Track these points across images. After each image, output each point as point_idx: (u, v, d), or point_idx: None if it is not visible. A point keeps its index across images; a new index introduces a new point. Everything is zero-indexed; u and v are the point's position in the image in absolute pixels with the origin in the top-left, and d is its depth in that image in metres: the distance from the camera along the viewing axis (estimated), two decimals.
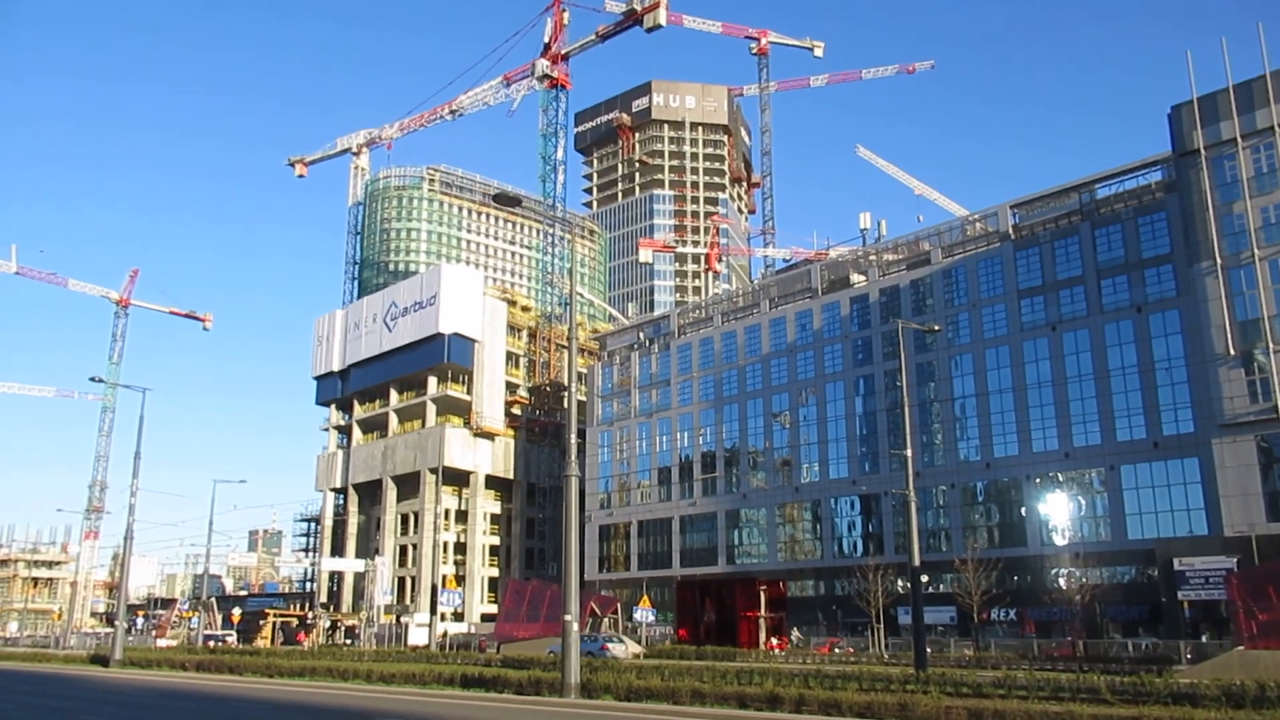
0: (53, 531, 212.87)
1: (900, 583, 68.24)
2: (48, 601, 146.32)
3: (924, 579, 59.74)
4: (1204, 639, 52.44)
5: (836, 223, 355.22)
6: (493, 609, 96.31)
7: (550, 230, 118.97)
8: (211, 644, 70.79)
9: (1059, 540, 65.58)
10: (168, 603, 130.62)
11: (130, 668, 44.71)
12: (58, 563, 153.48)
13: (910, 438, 38.55)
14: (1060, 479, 66.27)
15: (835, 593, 76.53)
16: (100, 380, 56.03)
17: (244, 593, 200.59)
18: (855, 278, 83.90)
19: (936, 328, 48.67)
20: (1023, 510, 68.01)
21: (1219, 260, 57.46)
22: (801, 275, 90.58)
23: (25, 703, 27.07)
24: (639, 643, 62.27)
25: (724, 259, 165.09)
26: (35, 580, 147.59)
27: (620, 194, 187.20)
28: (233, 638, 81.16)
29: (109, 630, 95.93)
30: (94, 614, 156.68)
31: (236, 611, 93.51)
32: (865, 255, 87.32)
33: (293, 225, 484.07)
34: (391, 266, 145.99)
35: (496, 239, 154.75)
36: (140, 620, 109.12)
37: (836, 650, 62.09)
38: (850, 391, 79.54)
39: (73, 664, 51.16)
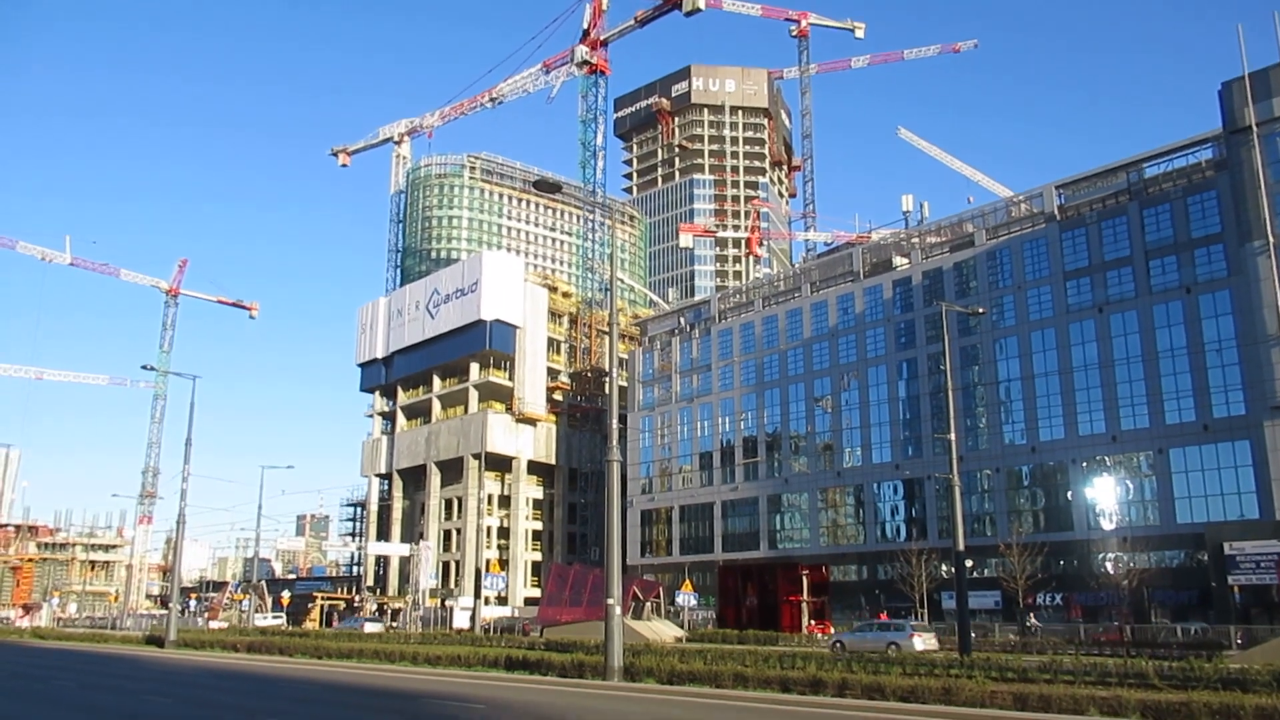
0: (108, 516, 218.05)
1: (944, 567, 67.88)
2: (104, 584, 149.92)
3: (968, 563, 59.33)
4: (1254, 624, 51.57)
5: (878, 206, 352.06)
6: (535, 593, 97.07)
7: (590, 216, 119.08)
8: (272, 625, 72.09)
9: (1106, 524, 64.78)
10: (219, 585, 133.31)
11: (184, 649, 45.75)
12: (113, 546, 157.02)
13: (954, 421, 38.24)
14: (1107, 462, 65.40)
15: (878, 577, 76.28)
16: (152, 368, 57.24)
17: (292, 576, 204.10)
18: (898, 260, 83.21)
19: (981, 310, 48.05)
20: (1069, 494, 67.25)
21: (1271, 239, 56.18)
22: (843, 258, 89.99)
23: (87, 682, 27.86)
24: (681, 626, 62.50)
25: (765, 243, 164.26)
26: (92, 563, 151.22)
27: (660, 179, 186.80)
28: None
29: (163, 612, 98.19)
30: (148, 596, 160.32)
31: (285, 595, 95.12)
32: (908, 238, 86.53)
33: (336, 215, 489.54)
34: (433, 254, 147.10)
35: (537, 225, 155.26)
36: (193, 602, 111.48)
37: None
38: (893, 375, 79.01)
39: (129, 644, 52.45)
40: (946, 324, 42.38)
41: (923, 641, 40.63)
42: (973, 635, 42.32)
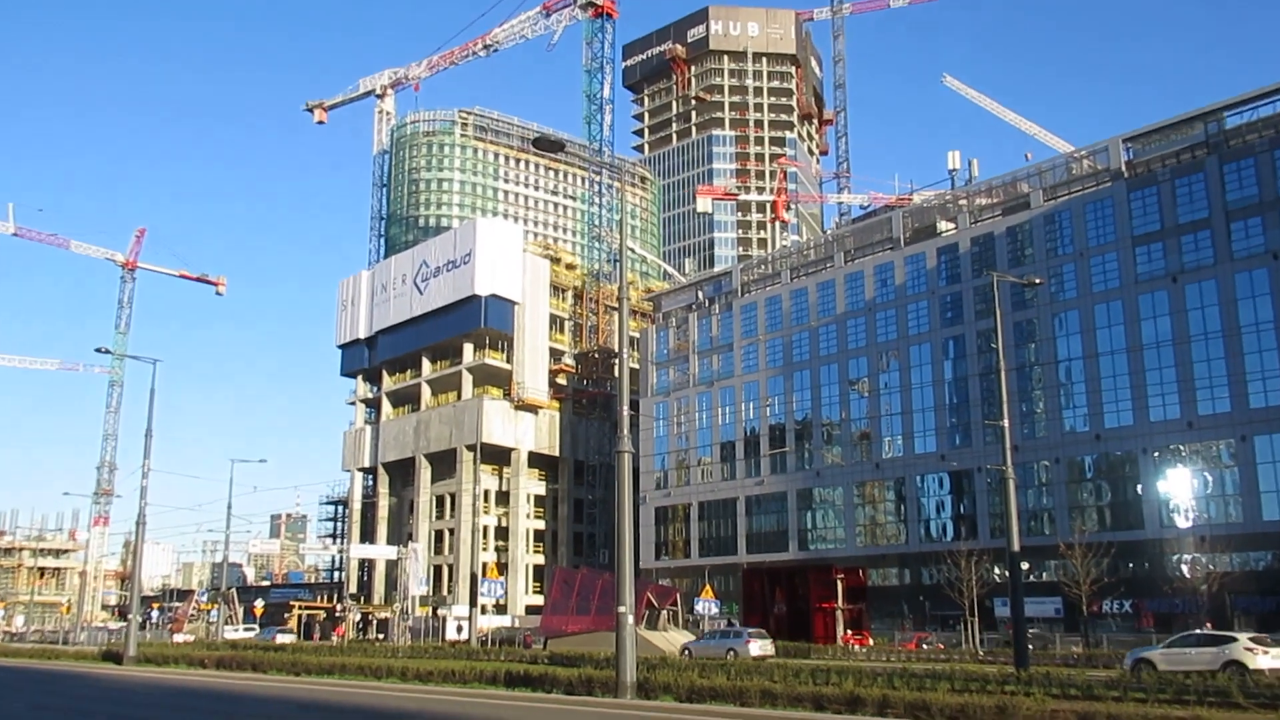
0: (59, 518, 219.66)
1: (997, 570, 67.70)
2: (55, 593, 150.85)
3: (1024, 566, 59.14)
4: None
5: (921, 164, 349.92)
6: (538, 600, 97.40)
7: (597, 178, 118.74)
8: (244, 638, 72.54)
9: (1181, 522, 64.50)
10: (184, 594, 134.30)
11: (145, 665, 45.92)
12: (65, 551, 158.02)
13: (1007, 406, 37.97)
14: (1183, 452, 65.05)
15: (922, 581, 76.21)
16: (107, 351, 57.22)
17: (266, 583, 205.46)
18: (943, 225, 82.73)
19: (1038, 281, 47.81)
20: (1138, 488, 66.95)
21: None
22: (881, 224, 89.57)
23: (37, 702, 27.94)
24: (700, 637, 62.66)
25: (793, 206, 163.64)
26: (41, 570, 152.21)
27: (675, 136, 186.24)
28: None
29: (121, 624, 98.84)
30: (105, 607, 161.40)
31: (259, 604, 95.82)
32: (954, 199, 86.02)
33: (312, 178, 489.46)
34: (421, 222, 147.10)
35: (537, 189, 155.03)
36: (155, 613, 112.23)
37: (924, 646, 61.85)
38: (938, 354, 78.73)
39: (83, 661, 52.60)
40: (998, 296, 42.09)
41: (759, 648, 47.75)
42: (1030, 647, 42.18)
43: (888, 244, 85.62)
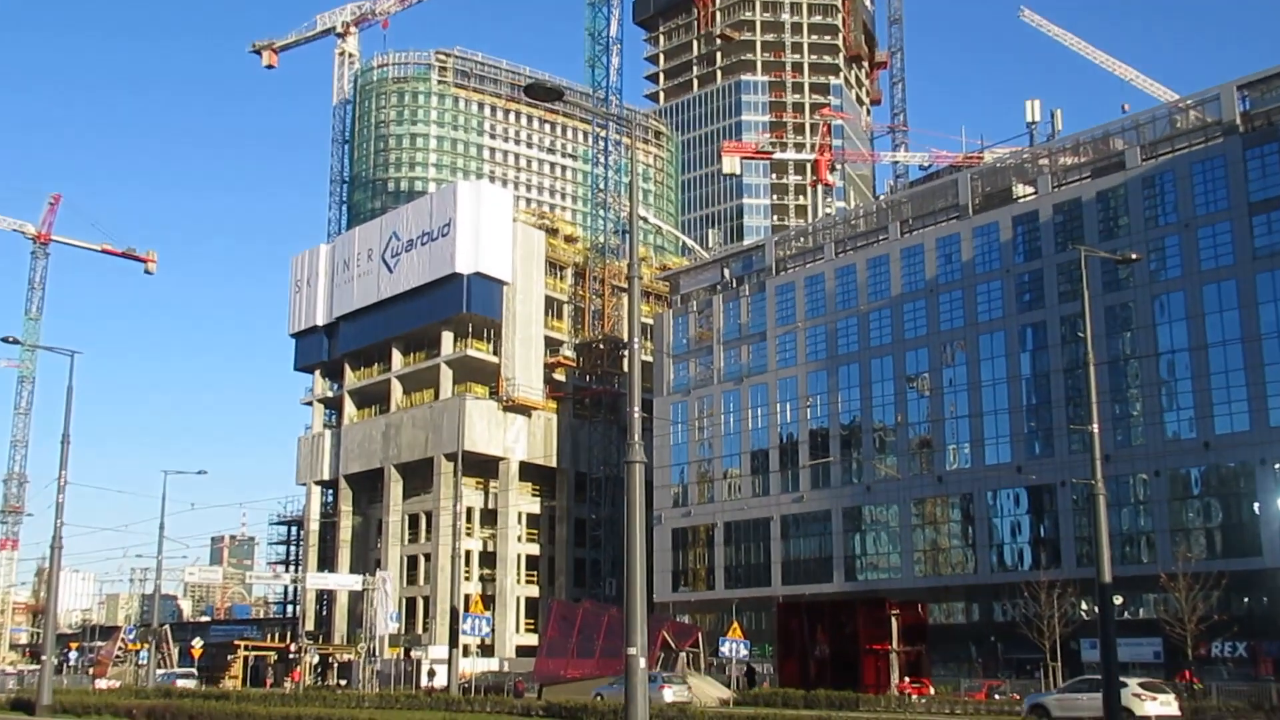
0: None
1: (1084, 605, 67.48)
2: None
3: (1117, 600, 58.90)
4: None
5: (993, 116, 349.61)
6: (532, 640, 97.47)
7: (602, 133, 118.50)
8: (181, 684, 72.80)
9: None
10: (109, 631, 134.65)
11: (62, 716, 46.12)
12: None
13: (1097, 408, 37.81)
14: None
15: (994, 619, 75.91)
16: (15, 341, 57.20)
17: (206, 619, 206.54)
18: (1020, 189, 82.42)
19: (1134, 257, 47.50)
20: (1256, 507, 66.70)
21: None
22: (945, 188, 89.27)
23: None
24: (728, 684, 62.60)
25: (838, 167, 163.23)
26: None
27: (696, 82, 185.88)
28: (191, 682, 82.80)
29: (34, 667, 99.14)
30: (14, 646, 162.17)
31: (197, 643, 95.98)
32: (1033, 158, 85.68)
33: (259, 135, 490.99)
34: (391, 186, 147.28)
35: (530, 146, 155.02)
36: (73, 654, 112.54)
37: (997, 696, 61.68)
38: (1014, 345, 78.47)
39: None
40: (1087, 275, 41.90)
41: (673, 693, 50.22)
42: None
43: (953, 212, 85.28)
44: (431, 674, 78.97)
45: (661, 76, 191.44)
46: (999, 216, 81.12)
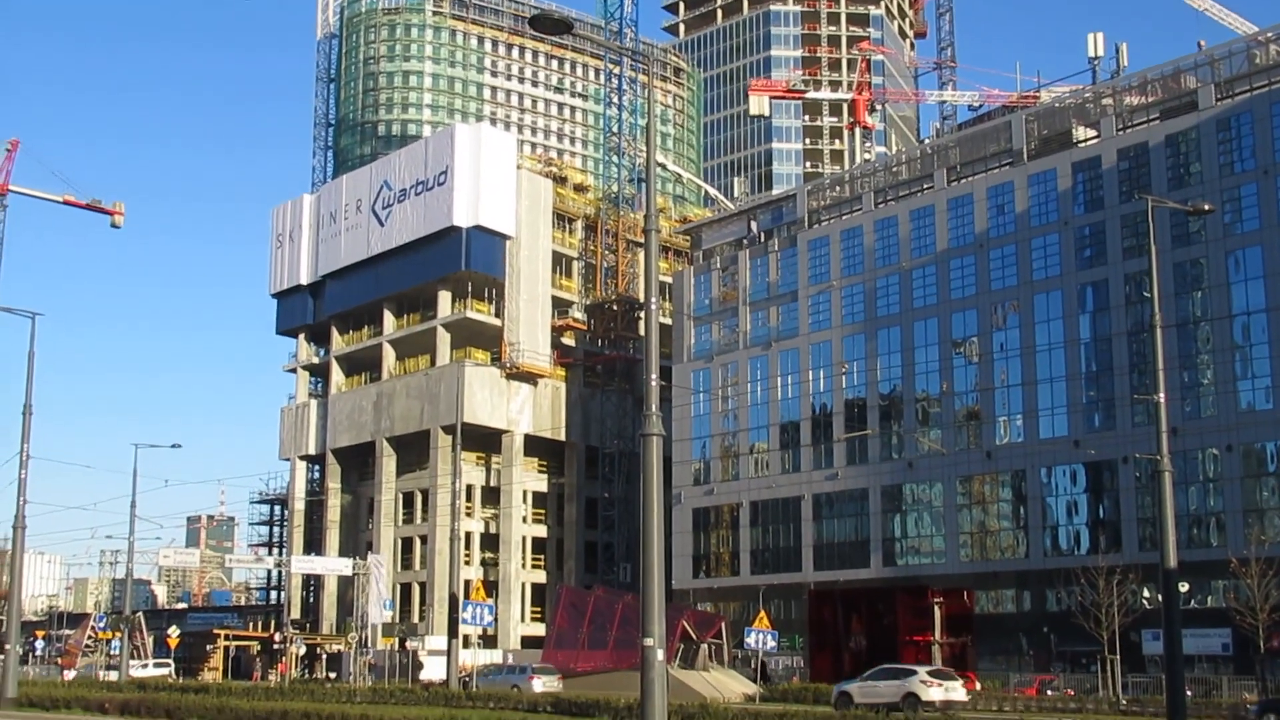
0: None
1: (1146, 593, 67.62)
2: None
3: (1183, 588, 58.96)
4: None
5: (1051, 50, 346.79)
6: (539, 630, 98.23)
7: (615, 70, 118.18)
8: (155, 676, 73.61)
9: None
10: (77, 619, 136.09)
11: (28, 709, 46.75)
12: None
13: (1164, 376, 37.84)
14: None
15: (1047, 608, 76.15)
16: None
17: (183, 605, 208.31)
18: (1080, 133, 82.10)
19: (1207, 207, 47.12)
20: None
21: None
22: (997, 130, 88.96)
23: None
24: (754, 678, 63.04)
25: (878, 108, 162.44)
26: None
27: (720, 13, 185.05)
28: (164, 670, 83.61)
29: None
30: None
31: (174, 632, 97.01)
32: (1096, 98, 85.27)
33: (235, 74, 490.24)
34: (381, 129, 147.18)
35: (536, 85, 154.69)
36: (39, 644, 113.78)
37: (1049, 692, 62.00)
38: (1072, 306, 78.32)
39: None
40: (1154, 228, 41.85)
41: (542, 684, 58.70)
42: (1189, 693, 42.22)
43: (1006, 157, 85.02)
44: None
45: (681, 6, 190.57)
46: (1057, 163, 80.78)
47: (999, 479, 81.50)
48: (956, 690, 47.92)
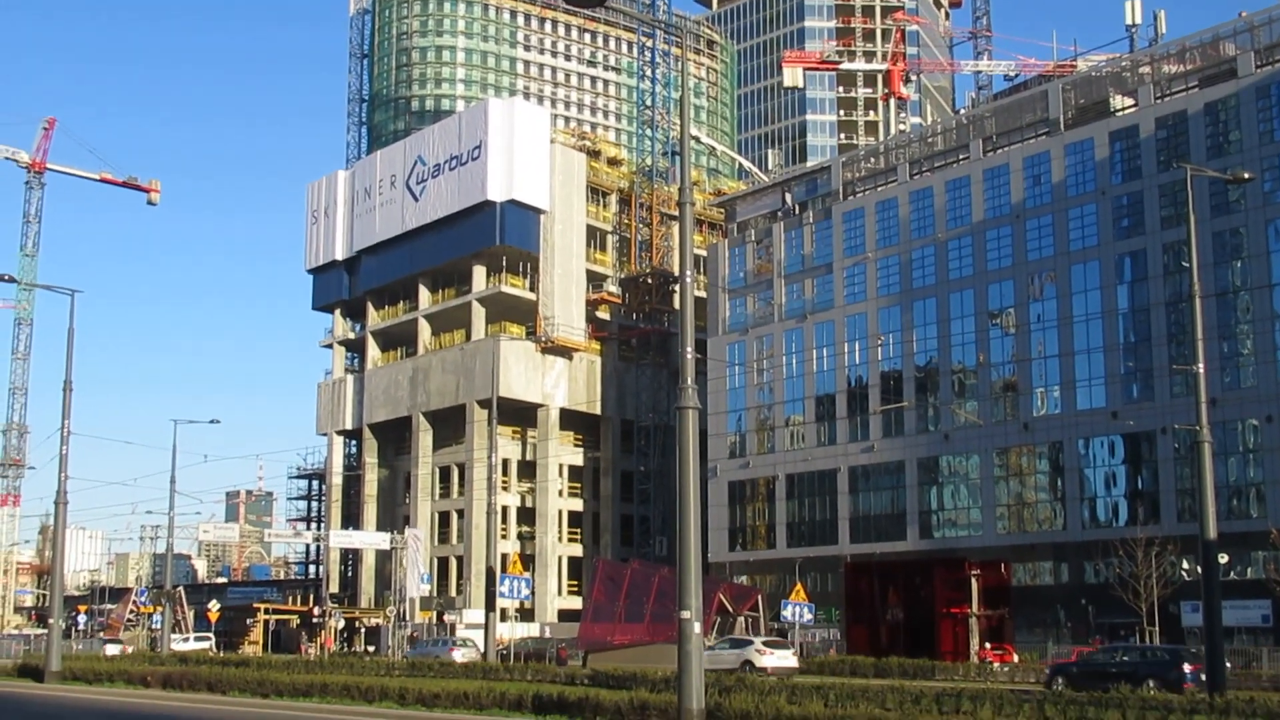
0: None
1: (1186, 565, 67.36)
2: None
3: (1222, 559, 58.70)
4: None
5: (1087, 18, 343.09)
6: (575, 603, 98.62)
7: (649, 43, 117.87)
8: (196, 649, 74.28)
9: None
10: (119, 593, 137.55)
11: (72, 683, 47.30)
12: None
13: (1203, 346, 37.57)
14: None
15: (1085, 580, 75.95)
16: (11, 280, 58.09)
17: (223, 580, 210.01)
18: (1118, 101, 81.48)
19: (1247, 176, 46.74)
20: None
21: None
22: (1034, 100, 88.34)
23: None
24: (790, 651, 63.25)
25: (913, 78, 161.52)
26: None
27: None
28: (206, 643, 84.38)
29: (40, 631, 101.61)
30: (19, 609, 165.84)
31: (214, 606, 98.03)
32: (1133, 66, 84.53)
33: (269, 51, 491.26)
34: (415, 105, 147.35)
35: (569, 59, 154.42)
36: (82, 618, 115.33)
37: None
38: (1109, 277, 77.86)
39: None
40: (1193, 198, 41.51)
41: (462, 655, 66.04)
42: (1228, 665, 42.03)
43: (1042, 127, 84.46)
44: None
45: None
46: (1094, 132, 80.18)
47: (1036, 451, 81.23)
48: (787, 658, 54.41)
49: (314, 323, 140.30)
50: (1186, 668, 40.16)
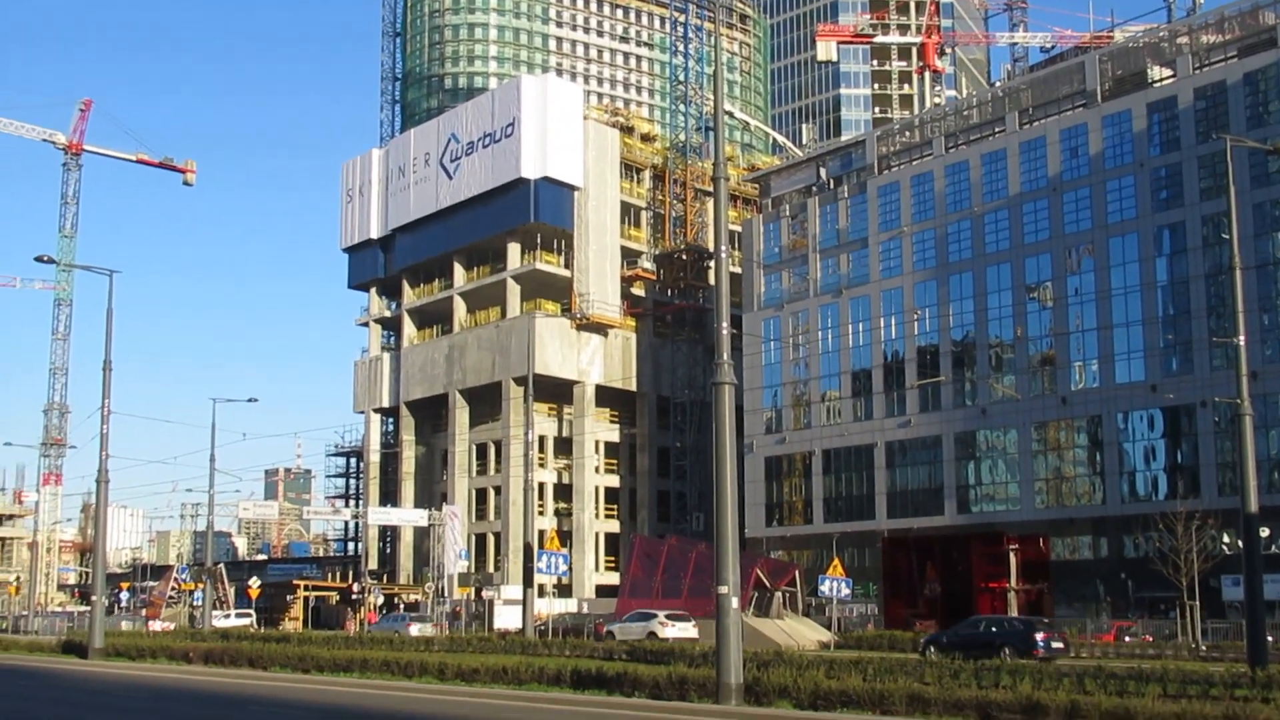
0: (0, 475, 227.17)
1: (1226, 539, 67.06)
2: (1, 570, 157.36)
3: (1264, 533, 58.42)
4: None
5: None
6: (613, 579, 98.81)
7: (681, 18, 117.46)
8: (237, 626, 75.02)
9: None
10: (160, 571, 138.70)
11: (115, 659, 47.83)
12: (11, 516, 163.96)
13: (1244, 318, 37.29)
14: None
15: (1124, 554, 75.79)
16: (50, 261, 58.51)
17: (263, 557, 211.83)
18: (1156, 72, 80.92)
19: None
20: None
21: None
22: (1070, 72, 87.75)
23: None
24: (828, 626, 63.19)
25: (948, 51, 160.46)
26: None
27: None
28: (246, 619, 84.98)
29: (83, 609, 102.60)
30: (62, 586, 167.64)
31: (254, 583, 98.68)
32: (1171, 36, 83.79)
33: (301, 30, 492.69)
34: (448, 82, 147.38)
35: (601, 35, 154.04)
36: (124, 595, 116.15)
37: (1127, 639, 61.66)
38: (1148, 249, 77.44)
39: (40, 654, 55.11)
40: (1233, 169, 41.16)
41: (418, 629, 69.72)
42: (1270, 639, 41.82)
43: (1079, 99, 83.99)
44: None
45: None
46: (1132, 104, 79.65)
47: (1074, 425, 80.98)
48: (688, 629, 57.86)
49: (350, 301, 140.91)
50: (1038, 637, 44.93)
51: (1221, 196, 71.22)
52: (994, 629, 47.73)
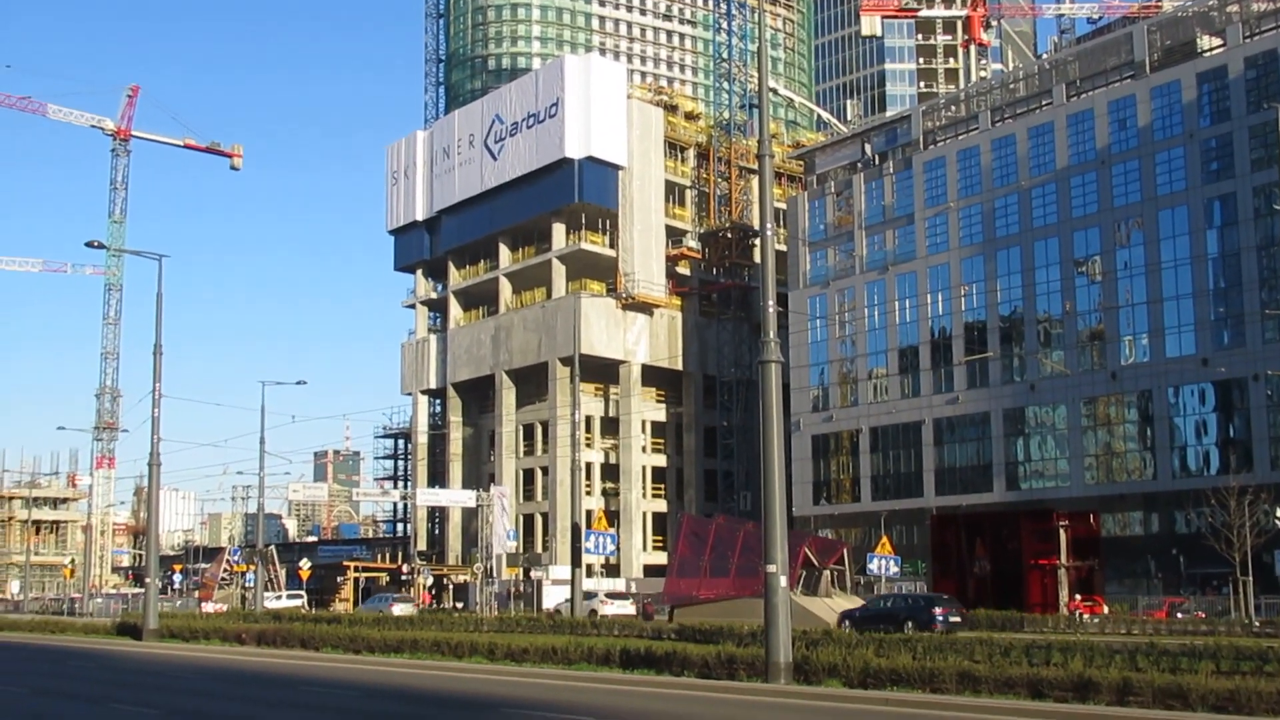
0: (55, 459, 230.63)
1: (1279, 513, 66.45)
2: (55, 553, 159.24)
3: None
4: None
5: None
6: (660, 558, 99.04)
7: None
8: (289, 607, 75.78)
9: None
10: (212, 553, 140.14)
11: (169, 640, 48.46)
12: (65, 500, 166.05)
13: None
14: None
15: (1176, 530, 75.29)
16: (100, 246, 59.18)
17: (313, 539, 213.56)
18: (1205, 42, 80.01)
19: None
20: None
21: None
22: (1118, 43, 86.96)
23: (42, 686, 29.89)
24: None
25: (994, 23, 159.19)
26: (37, 525, 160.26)
27: None
28: (297, 601, 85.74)
29: (137, 591, 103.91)
30: (116, 569, 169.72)
31: (305, 565, 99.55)
32: (1221, 6, 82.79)
33: (347, 14, 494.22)
34: (492, 64, 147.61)
35: (644, 14, 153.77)
36: (177, 577, 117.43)
37: (1180, 615, 61.30)
38: (1198, 222, 76.67)
39: (95, 636, 55.93)
40: None
41: (400, 609, 72.91)
42: None
43: (1127, 70, 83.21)
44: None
45: None
46: (1181, 74, 78.82)
47: (1124, 400, 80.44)
48: (625, 607, 67.86)
49: (396, 282, 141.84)
50: (936, 611, 48.23)
51: (1273, 167, 70.57)
52: (897, 605, 52.54)
